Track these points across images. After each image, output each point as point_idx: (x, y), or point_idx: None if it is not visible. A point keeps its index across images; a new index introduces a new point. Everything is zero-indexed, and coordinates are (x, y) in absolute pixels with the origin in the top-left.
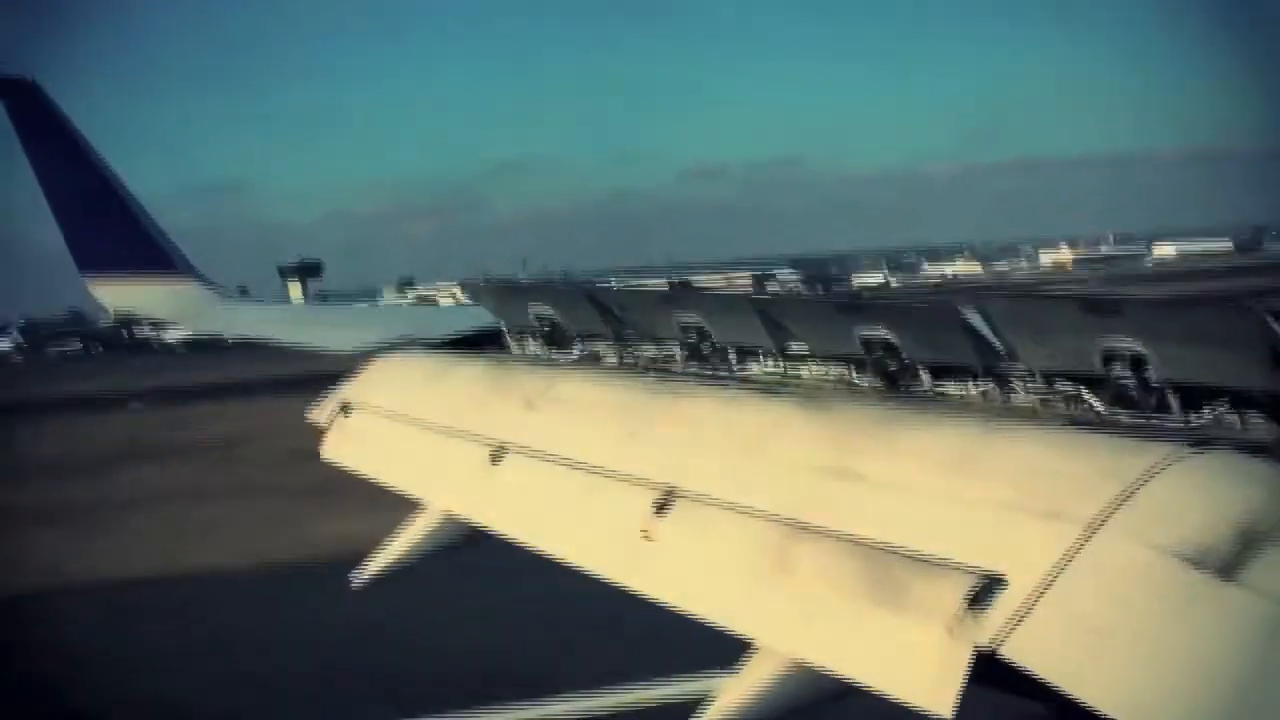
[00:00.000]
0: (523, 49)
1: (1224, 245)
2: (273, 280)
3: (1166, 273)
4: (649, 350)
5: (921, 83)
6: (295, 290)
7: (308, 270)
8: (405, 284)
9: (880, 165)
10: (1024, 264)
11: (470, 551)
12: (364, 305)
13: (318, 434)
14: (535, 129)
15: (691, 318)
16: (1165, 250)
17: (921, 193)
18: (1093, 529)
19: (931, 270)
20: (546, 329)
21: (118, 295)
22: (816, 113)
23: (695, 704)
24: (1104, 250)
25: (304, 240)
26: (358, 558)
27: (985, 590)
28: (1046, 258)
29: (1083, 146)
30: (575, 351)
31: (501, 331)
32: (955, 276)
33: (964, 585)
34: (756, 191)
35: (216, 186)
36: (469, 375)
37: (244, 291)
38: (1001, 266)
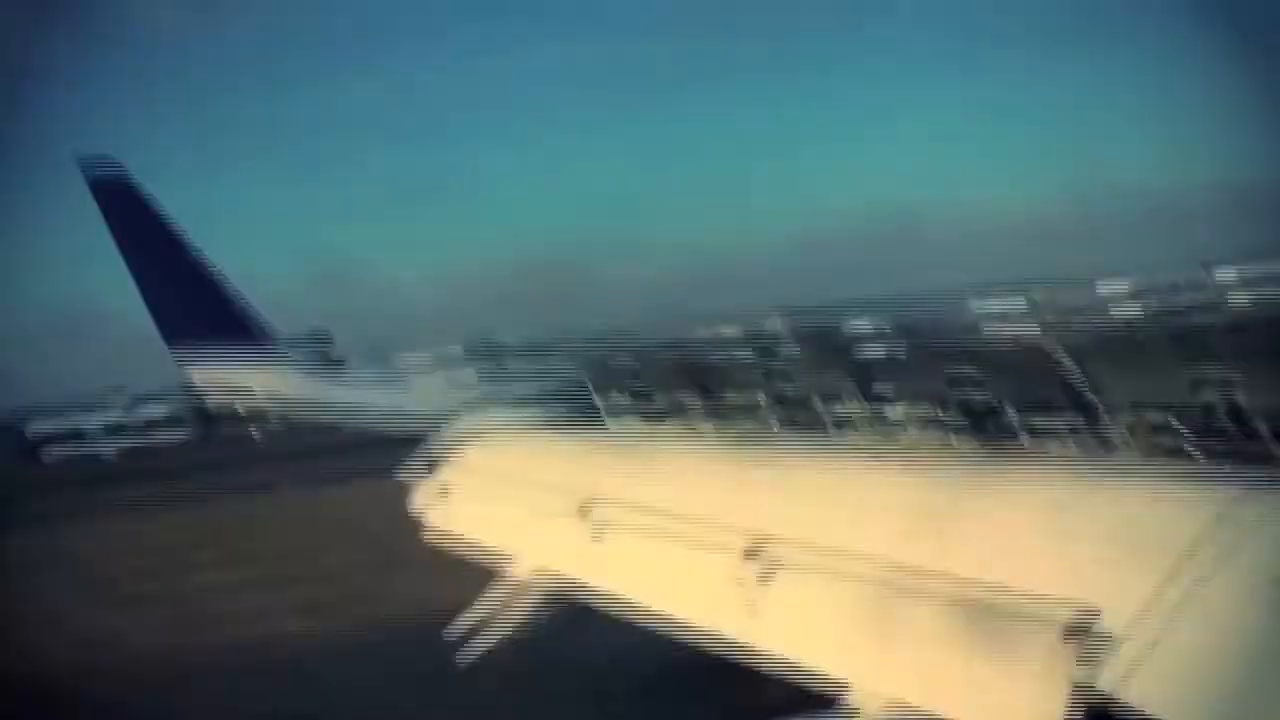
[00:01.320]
0: (621, 128)
1: None
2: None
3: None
4: (737, 406)
5: (1023, 120)
6: None
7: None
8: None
9: (967, 206)
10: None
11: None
12: (450, 373)
13: (419, 508)
14: (639, 190)
15: (780, 371)
16: (1226, 275)
17: (1037, 230)
18: (1186, 564)
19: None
20: (633, 390)
21: (210, 376)
22: (908, 161)
23: None
24: (1169, 281)
25: (411, 303)
26: None
27: (1082, 628)
28: (1104, 290)
29: (1186, 174)
30: (662, 411)
31: (589, 394)
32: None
33: (1061, 624)
34: (871, 236)
35: (325, 253)
36: (564, 443)
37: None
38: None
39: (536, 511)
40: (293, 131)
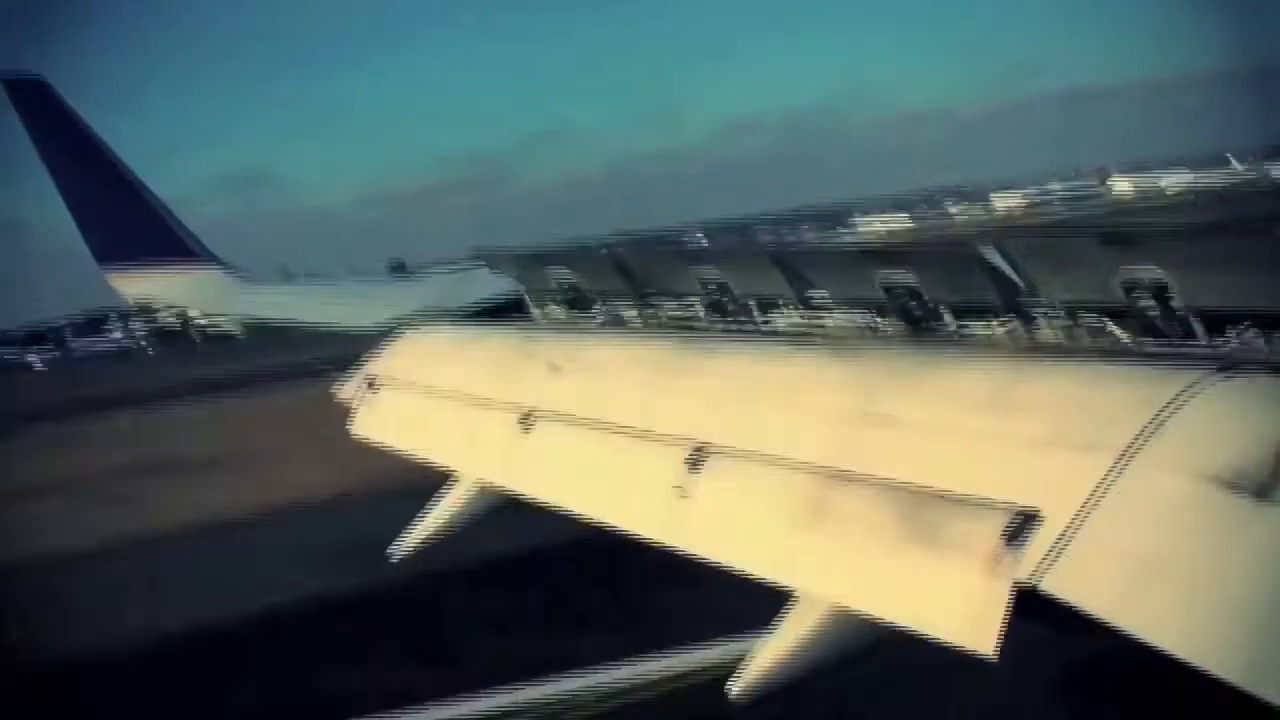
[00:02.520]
0: (548, 15)
1: (1183, 176)
2: (312, 266)
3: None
4: (671, 308)
5: (955, 18)
6: None
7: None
8: (396, 267)
9: (917, 107)
10: (975, 210)
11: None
12: (386, 280)
13: (346, 411)
14: (567, 97)
15: (712, 272)
16: (1122, 185)
17: (959, 133)
18: (1126, 458)
19: (859, 225)
20: (568, 293)
21: (137, 285)
22: (850, 59)
23: (738, 665)
24: (1057, 189)
25: (339, 223)
26: None
27: (1022, 526)
28: (999, 203)
29: (1121, 74)
30: (598, 314)
31: (524, 298)
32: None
33: (1001, 522)
34: (794, 143)
35: (247, 177)
36: (494, 344)
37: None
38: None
39: (465, 418)
40: (215, 45)
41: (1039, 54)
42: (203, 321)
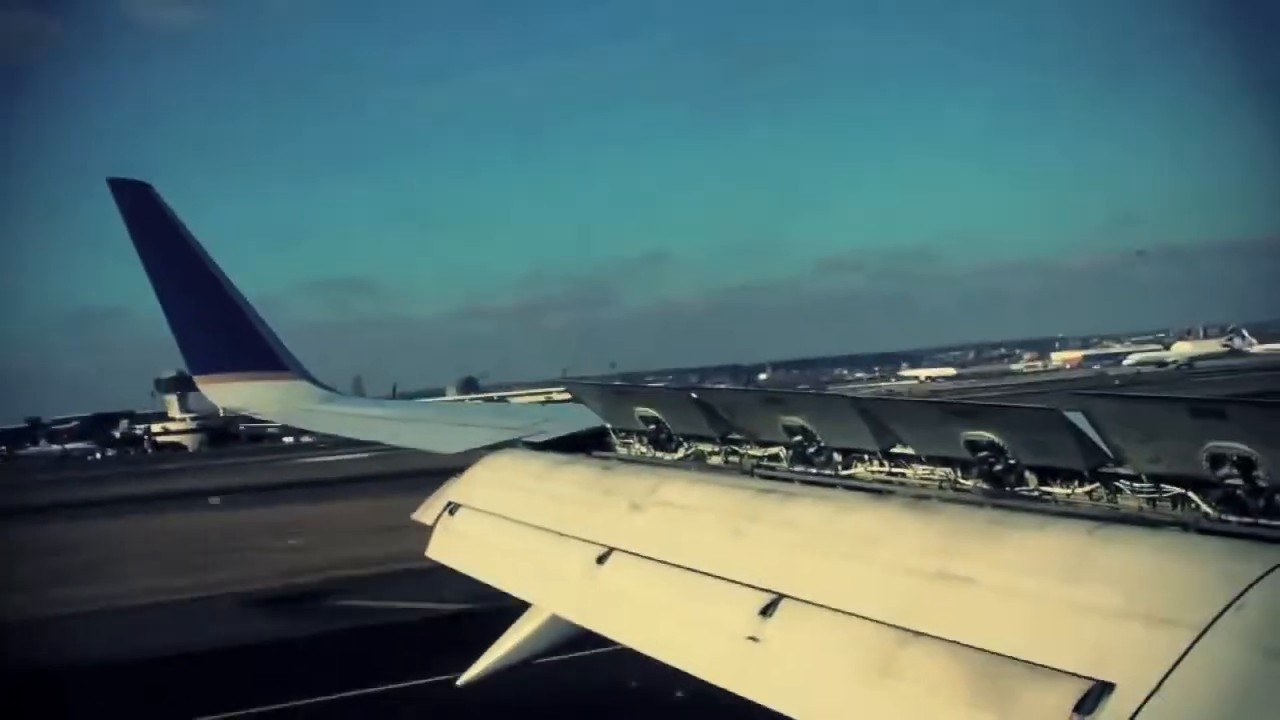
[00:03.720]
0: (653, 143)
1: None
2: (399, 376)
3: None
4: (754, 452)
5: (1061, 169)
6: (173, 405)
7: (188, 382)
8: (467, 383)
9: (1019, 256)
10: (1029, 365)
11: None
12: (479, 404)
13: (424, 533)
14: (667, 224)
15: (796, 419)
16: (1183, 347)
17: (1061, 283)
18: (1203, 634)
19: (906, 374)
20: (652, 430)
21: (226, 394)
22: (950, 204)
23: None
24: (1116, 349)
25: (435, 335)
26: None
27: (1094, 697)
28: (1058, 357)
29: (1227, 232)
30: (680, 453)
31: (607, 432)
32: (931, 380)
33: (1073, 692)
34: (892, 283)
35: (345, 283)
36: (575, 477)
37: (358, 389)
38: (996, 367)
39: (542, 549)
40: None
41: (1144, 206)
42: (156, 431)
